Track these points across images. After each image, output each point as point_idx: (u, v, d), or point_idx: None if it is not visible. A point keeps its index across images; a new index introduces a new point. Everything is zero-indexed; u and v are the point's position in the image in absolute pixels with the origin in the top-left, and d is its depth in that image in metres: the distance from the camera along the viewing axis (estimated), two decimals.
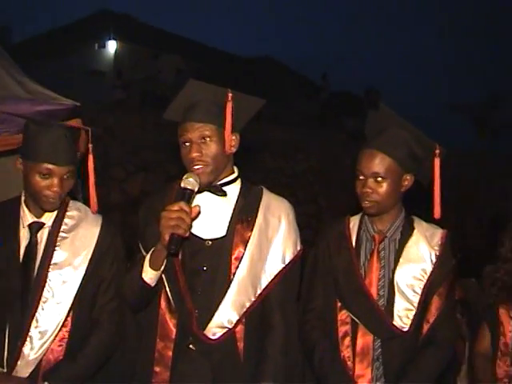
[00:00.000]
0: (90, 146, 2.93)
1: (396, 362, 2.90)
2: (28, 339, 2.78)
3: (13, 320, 2.79)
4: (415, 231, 2.99)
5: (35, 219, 2.88)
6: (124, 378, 2.89)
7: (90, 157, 2.94)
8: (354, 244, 3.02)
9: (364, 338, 2.92)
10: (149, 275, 2.63)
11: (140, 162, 11.08)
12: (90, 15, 26.12)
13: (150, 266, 2.62)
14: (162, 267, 2.63)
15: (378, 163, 2.86)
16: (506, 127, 24.61)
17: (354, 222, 3.08)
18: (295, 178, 12.89)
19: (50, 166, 2.74)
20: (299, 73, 28.54)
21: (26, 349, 2.78)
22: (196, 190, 2.59)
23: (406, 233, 2.99)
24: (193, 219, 2.52)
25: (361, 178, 2.91)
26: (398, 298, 2.91)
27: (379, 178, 2.86)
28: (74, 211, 2.96)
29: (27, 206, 2.88)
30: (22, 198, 2.90)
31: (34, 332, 2.78)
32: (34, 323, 2.78)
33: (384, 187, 2.87)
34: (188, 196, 2.54)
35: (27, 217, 2.88)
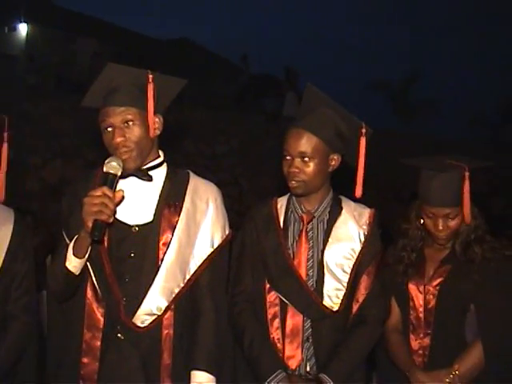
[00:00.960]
0: (6, 134, 2.81)
1: (326, 342, 2.91)
2: None
3: None
4: (343, 211, 3.00)
5: None
6: (51, 371, 2.81)
7: (5, 145, 2.84)
8: (281, 225, 3.01)
9: (294, 319, 2.92)
10: (73, 263, 2.55)
11: (57, 149, 10.87)
12: None
13: (73, 254, 2.54)
14: (87, 255, 2.56)
15: (305, 143, 2.85)
16: (422, 105, 25.16)
17: (282, 203, 3.07)
18: (216, 161, 12.89)
19: None
20: (219, 55, 28.45)
21: None
22: (119, 174, 2.52)
23: (335, 213, 2.99)
24: (116, 204, 2.46)
25: (287, 157, 2.90)
26: (327, 278, 2.91)
27: (306, 158, 2.85)
28: None
29: None
30: None
31: None
32: None
33: (311, 167, 2.86)
34: (111, 181, 2.47)
35: None
